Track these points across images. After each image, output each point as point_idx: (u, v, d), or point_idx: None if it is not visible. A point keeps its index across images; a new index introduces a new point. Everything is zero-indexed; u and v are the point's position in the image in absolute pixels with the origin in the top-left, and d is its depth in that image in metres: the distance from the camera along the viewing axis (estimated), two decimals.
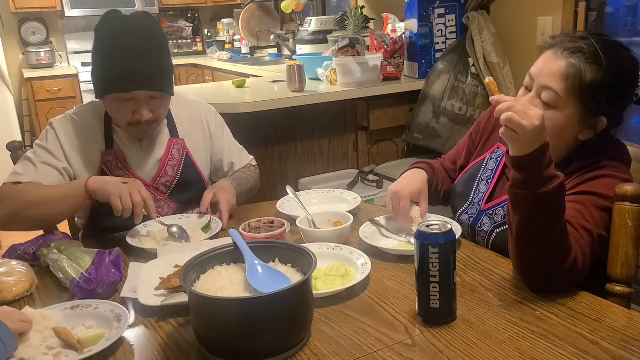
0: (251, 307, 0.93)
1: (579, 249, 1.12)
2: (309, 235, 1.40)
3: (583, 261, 1.12)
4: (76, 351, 1.00)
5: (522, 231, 1.10)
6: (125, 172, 1.62)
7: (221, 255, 1.11)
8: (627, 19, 2.54)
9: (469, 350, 0.95)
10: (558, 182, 1.05)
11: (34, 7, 5.33)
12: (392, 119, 3.04)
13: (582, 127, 1.23)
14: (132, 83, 1.49)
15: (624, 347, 0.94)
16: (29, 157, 1.58)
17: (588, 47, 1.19)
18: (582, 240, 1.14)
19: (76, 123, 1.63)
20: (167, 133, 1.70)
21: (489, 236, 1.38)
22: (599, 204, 1.19)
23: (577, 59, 1.18)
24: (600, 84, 1.17)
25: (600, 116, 1.22)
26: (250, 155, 1.92)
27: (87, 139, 1.62)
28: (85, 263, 1.26)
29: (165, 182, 1.68)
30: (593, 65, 1.18)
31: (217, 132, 1.81)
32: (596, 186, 1.21)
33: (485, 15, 2.89)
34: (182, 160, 1.69)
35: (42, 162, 1.56)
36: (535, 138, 1.03)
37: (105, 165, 1.62)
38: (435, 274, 1.00)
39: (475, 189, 1.45)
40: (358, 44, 2.87)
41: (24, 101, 5.29)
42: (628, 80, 1.22)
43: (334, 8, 4.96)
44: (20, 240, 1.46)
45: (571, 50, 1.20)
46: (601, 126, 1.23)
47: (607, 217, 1.20)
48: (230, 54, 5.61)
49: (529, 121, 1.01)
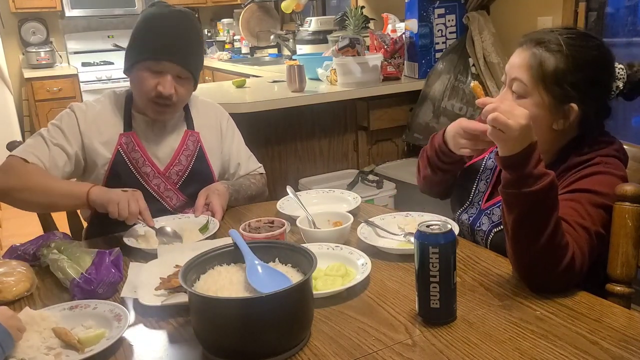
0: (251, 307, 0.93)
1: (576, 247, 1.12)
2: (309, 235, 1.40)
3: (582, 259, 1.12)
4: (77, 351, 1.00)
5: (516, 230, 1.10)
6: (141, 154, 1.65)
7: (221, 255, 1.11)
8: (627, 19, 2.54)
9: (469, 350, 0.95)
10: (549, 179, 1.06)
11: (34, 7, 5.33)
12: (392, 119, 3.04)
13: (555, 116, 1.25)
14: (165, 52, 1.56)
15: (624, 347, 0.93)
16: (43, 134, 1.61)
17: (551, 38, 1.25)
18: (579, 238, 1.14)
19: (95, 108, 1.67)
20: (184, 125, 1.74)
21: (487, 235, 1.38)
22: (595, 201, 1.19)
23: (539, 49, 1.24)
24: (563, 71, 1.22)
25: (569, 103, 1.23)
26: (259, 163, 1.92)
27: (105, 122, 1.66)
28: (85, 263, 1.26)
29: (178, 172, 1.69)
30: (554, 53, 1.23)
31: (228, 133, 1.84)
32: (591, 183, 1.21)
33: (485, 15, 2.89)
34: (196, 152, 1.72)
35: (55, 144, 1.59)
36: (522, 137, 1.05)
37: (121, 146, 1.64)
38: (435, 274, 1.00)
39: (475, 188, 1.46)
40: (358, 44, 2.87)
41: (24, 101, 5.29)
42: (595, 68, 1.24)
43: (334, 8, 4.96)
44: (21, 240, 1.46)
45: (535, 42, 1.26)
46: (574, 115, 1.24)
47: (603, 214, 1.20)
48: (230, 54, 5.61)
49: (515, 120, 1.03)
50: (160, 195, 1.67)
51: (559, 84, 1.22)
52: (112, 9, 5.60)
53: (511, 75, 1.28)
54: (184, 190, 1.70)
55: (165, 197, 1.68)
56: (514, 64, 1.28)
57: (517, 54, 1.29)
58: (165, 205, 1.67)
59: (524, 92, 1.25)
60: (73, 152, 1.61)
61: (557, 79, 1.22)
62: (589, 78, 1.24)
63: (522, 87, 1.25)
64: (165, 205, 1.67)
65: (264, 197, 1.89)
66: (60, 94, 5.23)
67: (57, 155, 1.58)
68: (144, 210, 1.45)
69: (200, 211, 1.58)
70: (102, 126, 1.65)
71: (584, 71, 1.23)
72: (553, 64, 1.22)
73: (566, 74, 1.22)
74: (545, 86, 1.23)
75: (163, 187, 1.68)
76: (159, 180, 1.67)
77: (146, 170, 1.66)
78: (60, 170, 1.58)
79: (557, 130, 1.27)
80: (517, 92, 1.26)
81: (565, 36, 1.25)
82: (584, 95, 1.24)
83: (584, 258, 1.13)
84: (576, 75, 1.22)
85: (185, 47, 1.59)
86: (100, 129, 1.64)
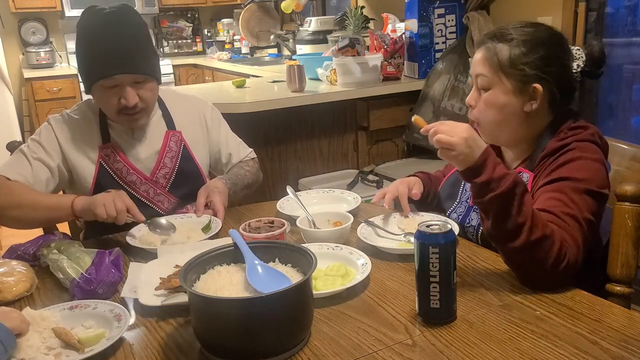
0: (251, 307, 0.93)
1: (567, 237, 1.12)
2: (309, 235, 1.40)
3: (575, 248, 1.12)
4: (77, 351, 1.00)
5: (496, 234, 1.13)
6: (123, 164, 1.63)
7: (221, 255, 1.11)
8: (627, 19, 2.54)
9: (469, 350, 0.95)
10: (511, 178, 1.09)
11: (34, 7, 5.33)
12: (392, 119, 3.04)
13: (523, 99, 1.31)
14: (111, 67, 1.51)
15: (624, 347, 0.93)
16: (23, 150, 1.60)
17: (502, 31, 1.33)
18: (569, 227, 1.14)
19: (72, 120, 1.65)
20: (164, 125, 1.71)
21: (477, 230, 1.40)
22: (577, 188, 1.20)
23: (492, 43, 1.32)
24: (517, 55, 1.29)
25: (531, 84, 1.29)
26: (250, 148, 1.91)
27: (83, 135, 1.64)
28: (85, 263, 1.26)
29: (165, 175, 1.68)
30: (507, 42, 1.30)
31: (214, 124, 1.82)
32: (570, 171, 1.22)
33: (485, 15, 2.89)
34: (180, 152, 1.70)
35: (35, 158, 1.58)
36: (470, 148, 1.09)
37: (103, 159, 1.62)
38: (435, 274, 1.00)
39: (462, 189, 1.49)
40: (358, 44, 2.87)
41: (24, 101, 5.29)
42: (547, 46, 1.30)
43: (334, 8, 4.96)
44: (21, 240, 1.46)
45: (488, 38, 1.34)
46: (540, 95, 1.29)
47: (588, 199, 1.20)
48: (230, 54, 5.61)
49: (457, 136, 1.08)
50: (151, 201, 1.66)
51: (516, 67, 1.29)
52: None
53: (474, 73, 1.36)
54: (174, 192, 1.69)
55: (157, 202, 1.67)
56: (474, 62, 1.36)
57: (476, 53, 1.36)
58: (157, 210, 1.66)
59: (488, 84, 1.32)
60: (55, 165, 1.59)
61: (513, 64, 1.29)
62: (543, 56, 1.29)
63: (485, 79, 1.32)
64: (158, 210, 1.66)
65: (260, 182, 1.90)
66: (60, 94, 5.23)
67: (40, 169, 1.57)
68: (131, 207, 1.44)
69: (201, 211, 1.57)
70: (80, 138, 1.63)
71: (536, 50, 1.29)
72: (507, 51, 1.30)
73: (520, 57, 1.29)
74: (505, 73, 1.30)
75: (152, 193, 1.66)
76: (147, 186, 1.66)
77: (132, 179, 1.64)
78: (44, 184, 1.57)
79: (530, 114, 1.32)
80: (482, 86, 1.33)
81: (514, 26, 1.33)
82: (543, 73, 1.29)
83: (577, 247, 1.13)
84: (530, 56, 1.29)
85: (131, 52, 1.53)
86: (78, 140, 1.63)
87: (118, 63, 1.51)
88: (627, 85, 2.60)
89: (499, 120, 1.32)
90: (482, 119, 1.35)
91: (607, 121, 2.69)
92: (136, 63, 1.54)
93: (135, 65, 1.54)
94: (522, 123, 1.33)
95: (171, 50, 6.18)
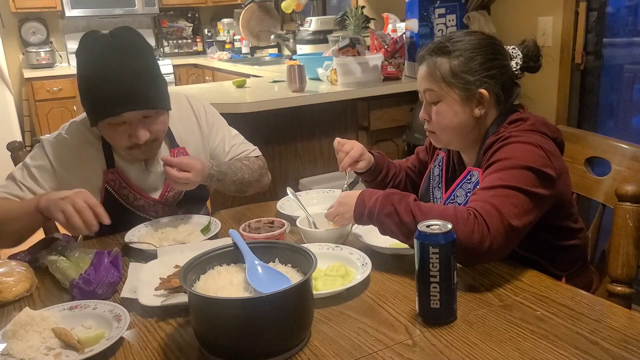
0: (251, 307, 0.93)
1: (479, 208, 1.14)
2: (309, 236, 1.40)
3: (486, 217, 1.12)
4: (77, 351, 1.00)
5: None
6: (129, 190, 1.58)
7: (221, 255, 1.11)
8: (628, 19, 2.54)
9: (469, 350, 0.95)
10: (380, 195, 1.22)
11: (34, 7, 5.33)
12: (392, 119, 3.04)
13: (471, 106, 1.35)
14: (119, 106, 1.39)
15: (624, 347, 0.93)
16: (15, 177, 1.52)
17: (437, 45, 1.37)
18: (477, 199, 1.18)
19: (69, 143, 1.55)
20: (167, 145, 1.63)
21: None
22: (508, 165, 1.21)
23: (430, 58, 1.37)
24: (456, 65, 1.33)
25: (477, 90, 1.33)
26: (254, 146, 1.83)
27: (83, 158, 1.55)
28: (85, 264, 1.26)
29: (173, 196, 1.65)
30: (444, 55, 1.35)
31: (211, 130, 1.73)
32: (502, 153, 1.25)
33: (485, 15, 2.89)
34: None
35: (26, 187, 1.50)
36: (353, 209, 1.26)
37: (108, 184, 1.56)
38: (435, 274, 1.00)
39: (432, 197, 1.52)
40: (358, 44, 2.87)
41: (24, 101, 5.29)
42: (482, 52, 1.34)
43: (334, 8, 4.96)
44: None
45: (427, 53, 1.39)
46: (486, 99, 1.34)
47: (523, 172, 1.19)
48: (231, 53, 5.61)
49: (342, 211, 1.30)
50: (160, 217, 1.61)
51: (458, 77, 1.33)
52: (112, 9, 5.60)
53: (421, 89, 1.41)
54: (183, 206, 1.68)
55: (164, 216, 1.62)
56: (419, 79, 1.41)
57: (419, 70, 1.41)
58: None
59: (436, 98, 1.37)
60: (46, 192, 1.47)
61: (455, 74, 1.33)
62: (482, 62, 1.34)
63: (433, 94, 1.37)
64: None
65: (265, 183, 1.82)
66: (60, 94, 5.23)
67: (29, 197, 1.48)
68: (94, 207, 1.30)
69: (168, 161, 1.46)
70: (80, 162, 1.54)
71: (474, 58, 1.33)
72: (447, 63, 1.34)
73: (460, 66, 1.33)
74: (449, 85, 1.34)
75: (162, 212, 1.63)
76: (156, 207, 1.63)
77: (140, 204, 1.60)
78: None
79: (480, 117, 1.36)
80: (431, 100, 1.38)
81: (450, 38, 1.37)
82: (484, 77, 1.33)
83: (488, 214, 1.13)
84: (470, 64, 1.33)
85: (138, 86, 1.41)
86: (77, 165, 1.54)
87: (125, 100, 1.39)
88: (627, 85, 2.60)
89: (452, 128, 1.37)
90: (437, 130, 1.40)
91: (607, 121, 2.68)
92: (144, 98, 1.42)
93: (143, 101, 1.42)
94: (474, 127, 1.37)
95: (171, 50, 6.19)
